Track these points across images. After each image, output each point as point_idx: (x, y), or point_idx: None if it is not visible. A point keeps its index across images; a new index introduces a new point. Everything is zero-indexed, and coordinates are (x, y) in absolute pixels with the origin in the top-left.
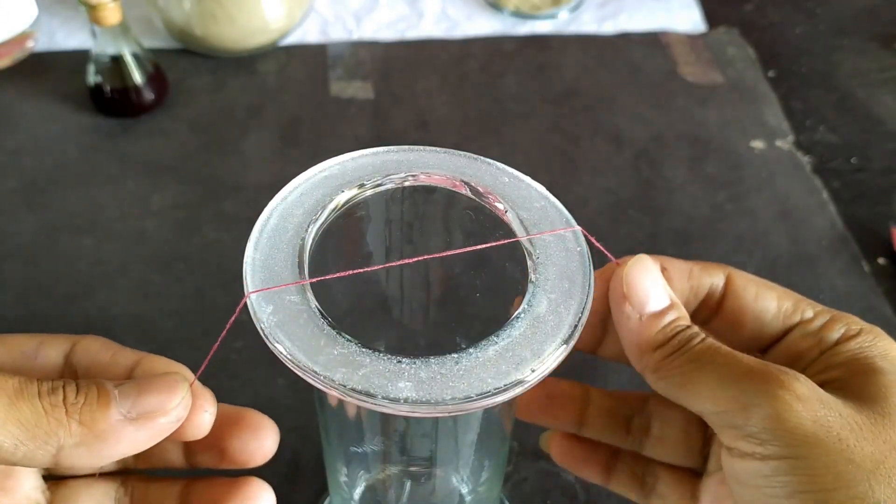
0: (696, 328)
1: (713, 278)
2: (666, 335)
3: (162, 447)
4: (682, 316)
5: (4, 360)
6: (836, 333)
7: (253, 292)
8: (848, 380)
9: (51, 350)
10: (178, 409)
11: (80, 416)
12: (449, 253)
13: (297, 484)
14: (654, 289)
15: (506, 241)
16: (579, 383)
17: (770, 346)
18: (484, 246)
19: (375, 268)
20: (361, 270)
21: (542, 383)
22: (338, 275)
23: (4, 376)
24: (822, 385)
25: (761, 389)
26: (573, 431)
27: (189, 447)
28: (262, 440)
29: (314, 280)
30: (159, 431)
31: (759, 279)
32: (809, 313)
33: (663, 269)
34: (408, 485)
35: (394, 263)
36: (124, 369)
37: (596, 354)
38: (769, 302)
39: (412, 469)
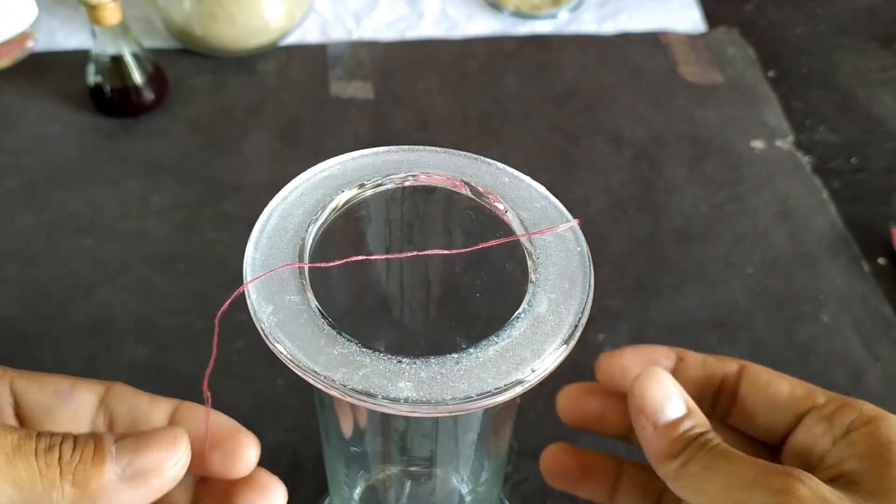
0: (711, 433)
1: (726, 367)
2: (682, 444)
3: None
4: (698, 423)
5: (38, 400)
6: (847, 419)
7: (250, 282)
8: (862, 473)
9: (84, 393)
10: (175, 468)
11: (74, 477)
12: (449, 251)
13: (297, 484)
14: (668, 399)
15: (505, 240)
16: (613, 457)
17: (785, 436)
18: (484, 245)
19: (375, 257)
20: (359, 258)
21: (576, 454)
22: (333, 263)
23: (5, 431)
24: (837, 478)
25: (766, 496)
26: (605, 503)
27: (197, 494)
28: (269, 502)
29: (311, 265)
30: (155, 491)
31: (771, 370)
32: (821, 399)
33: (679, 360)
34: (408, 485)
35: (392, 256)
36: (164, 415)
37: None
38: (781, 388)
39: (412, 469)
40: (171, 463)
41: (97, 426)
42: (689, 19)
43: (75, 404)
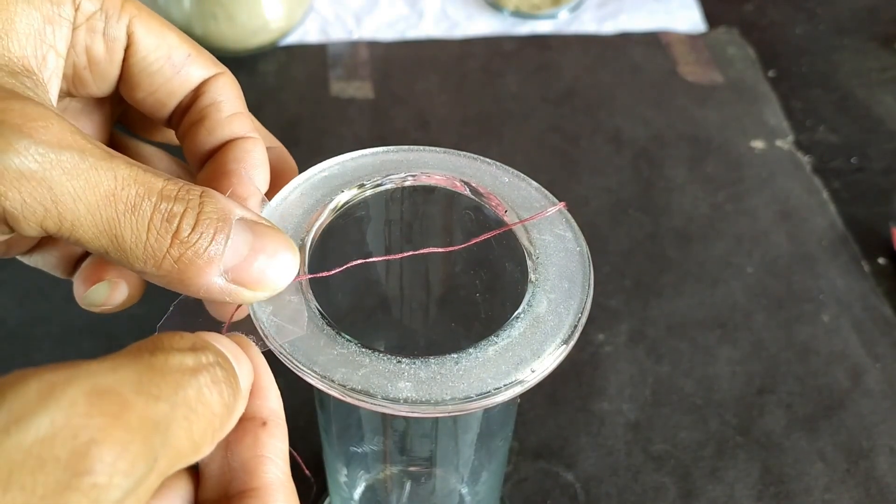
0: None
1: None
2: None
3: None
4: None
5: (149, 57)
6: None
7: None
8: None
9: (196, 69)
10: (275, 289)
11: (179, 260)
12: (444, 249)
13: (297, 484)
14: None
15: (495, 232)
16: None
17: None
18: (476, 240)
19: (373, 259)
20: (358, 263)
21: None
22: (332, 272)
23: (127, 184)
24: None
25: None
26: None
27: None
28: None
29: (311, 276)
30: (243, 300)
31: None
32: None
33: None
34: (408, 485)
35: (390, 257)
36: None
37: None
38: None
39: (412, 469)
40: (277, 284)
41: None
42: (689, 19)
43: (181, 79)
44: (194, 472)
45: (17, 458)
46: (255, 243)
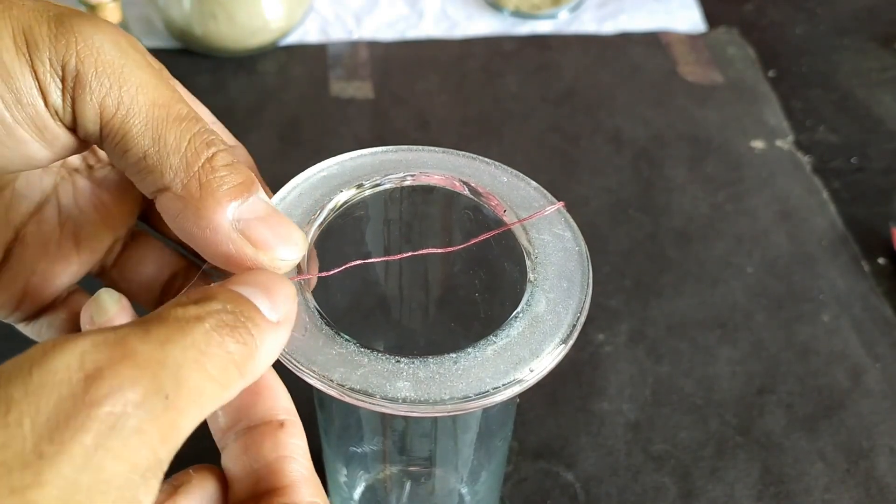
0: None
1: None
2: None
3: None
4: None
5: None
6: None
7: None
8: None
9: None
10: (287, 256)
11: (205, 185)
12: (443, 250)
13: None
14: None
15: (495, 232)
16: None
17: None
18: (475, 240)
19: (371, 261)
20: (357, 263)
21: None
22: (331, 272)
23: (162, 108)
24: None
25: None
26: None
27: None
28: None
29: (310, 276)
30: (243, 261)
31: None
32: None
33: None
34: (407, 485)
35: (389, 258)
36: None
37: None
38: None
39: (412, 469)
40: (284, 252)
41: None
42: (689, 19)
43: None
44: (221, 474)
45: (18, 394)
46: (271, 215)
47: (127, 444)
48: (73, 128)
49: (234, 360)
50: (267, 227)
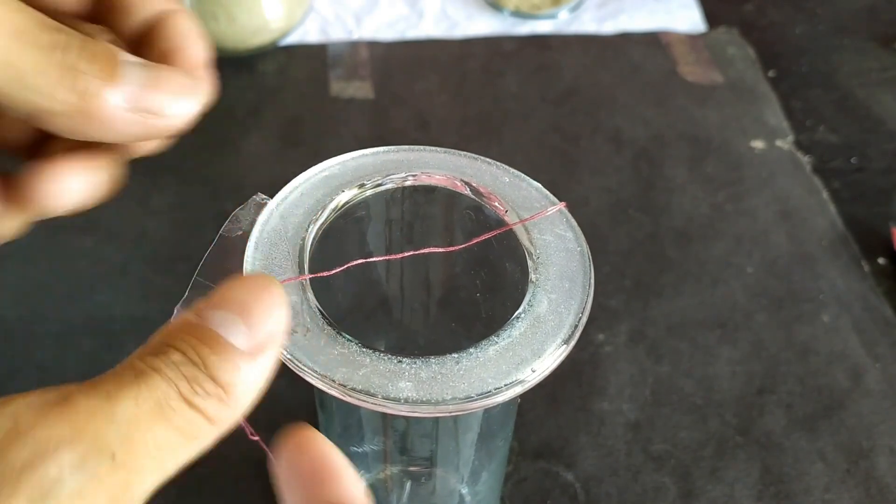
0: None
1: None
2: None
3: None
4: None
5: None
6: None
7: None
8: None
9: None
10: (188, 109)
11: (78, 85)
12: (445, 249)
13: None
14: None
15: (496, 232)
16: None
17: None
18: (477, 240)
19: (372, 259)
20: (359, 262)
21: None
22: (332, 272)
23: (10, 10)
24: None
25: None
26: None
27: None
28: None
29: (311, 276)
30: (157, 131)
31: None
32: None
33: None
34: (408, 485)
35: (390, 257)
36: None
37: None
38: None
39: (412, 469)
40: (185, 107)
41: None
42: (689, 19)
43: None
44: None
45: None
46: (150, 78)
47: None
48: None
49: (200, 412)
50: (156, 90)
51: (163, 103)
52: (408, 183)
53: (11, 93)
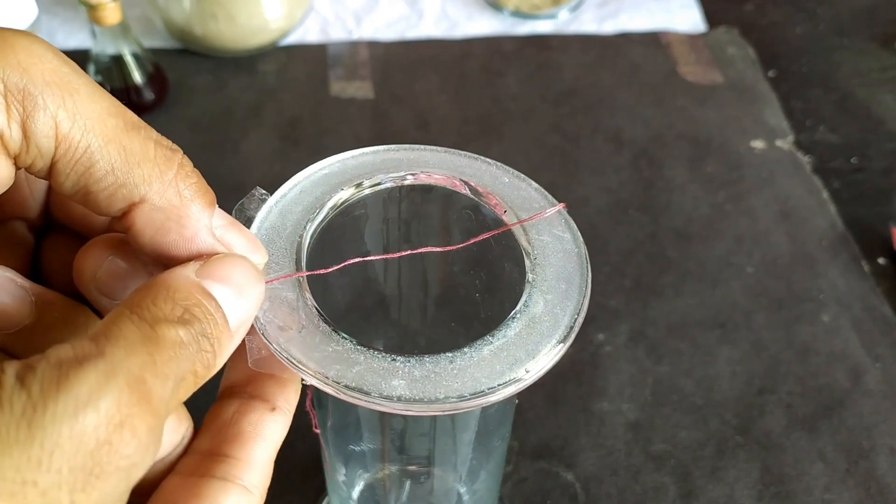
0: None
1: None
2: None
3: None
4: None
5: None
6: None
7: None
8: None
9: None
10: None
11: (182, 193)
12: (442, 249)
13: (296, 484)
14: None
15: (494, 232)
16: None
17: None
18: (477, 239)
19: (370, 258)
20: (355, 261)
21: None
22: (329, 269)
23: (117, 117)
24: None
25: None
26: None
27: None
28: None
29: (308, 273)
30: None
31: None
32: None
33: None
34: (406, 484)
35: (387, 256)
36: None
37: None
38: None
39: (410, 468)
40: (249, 252)
41: None
42: (689, 19)
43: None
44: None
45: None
46: (234, 223)
47: None
48: (16, 154)
49: (197, 384)
50: (238, 233)
51: (243, 249)
52: (407, 182)
53: (119, 171)
